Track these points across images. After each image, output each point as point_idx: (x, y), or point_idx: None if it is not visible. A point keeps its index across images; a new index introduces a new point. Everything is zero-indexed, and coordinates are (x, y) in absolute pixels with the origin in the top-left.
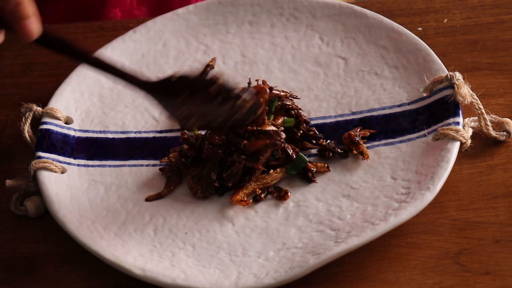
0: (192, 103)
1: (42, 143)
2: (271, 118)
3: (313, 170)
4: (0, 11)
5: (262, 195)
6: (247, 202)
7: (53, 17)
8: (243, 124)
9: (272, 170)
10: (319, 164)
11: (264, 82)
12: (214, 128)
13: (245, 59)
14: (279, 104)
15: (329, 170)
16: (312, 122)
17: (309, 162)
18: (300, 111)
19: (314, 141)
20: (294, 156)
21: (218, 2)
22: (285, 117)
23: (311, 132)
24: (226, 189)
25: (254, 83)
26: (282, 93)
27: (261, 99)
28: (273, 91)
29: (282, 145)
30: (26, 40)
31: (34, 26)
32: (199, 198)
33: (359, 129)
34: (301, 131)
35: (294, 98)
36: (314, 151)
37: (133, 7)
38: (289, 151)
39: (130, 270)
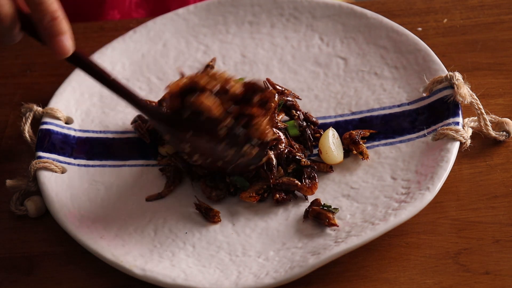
0: (197, 141)
1: (42, 143)
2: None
3: (313, 169)
4: (36, 25)
5: (265, 194)
6: (256, 197)
7: None
8: (245, 170)
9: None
10: (322, 164)
11: (268, 79)
12: (216, 170)
13: (245, 59)
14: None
15: (333, 171)
16: None
17: (314, 160)
18: (306, 114)
19: (315, 143)
20: (297, 156)
21: (218, 2)
22: (285, 115)
23: (318, 135)
24: (238, 190)
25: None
26: (285, 91)
27: (272, 104)
28: (281, 94)
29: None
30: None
31: (68, 43)
32: (213, 200)
33: (361, 131)
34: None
35: (296, 98)
36: (315, 151)
37: (132, 9)
38: (293, 149)
39: (130, 270)
